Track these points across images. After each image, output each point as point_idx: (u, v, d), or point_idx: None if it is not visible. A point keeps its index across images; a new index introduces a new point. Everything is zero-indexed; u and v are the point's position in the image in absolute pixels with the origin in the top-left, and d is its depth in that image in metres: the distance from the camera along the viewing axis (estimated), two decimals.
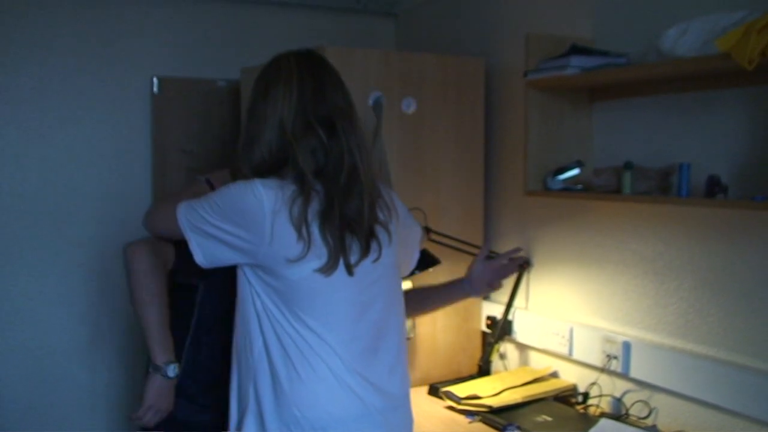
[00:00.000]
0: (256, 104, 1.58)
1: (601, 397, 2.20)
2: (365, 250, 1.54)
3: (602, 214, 2.25)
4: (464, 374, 2.57)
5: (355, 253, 1.53)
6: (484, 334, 2.67)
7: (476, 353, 2.64)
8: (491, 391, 2.25)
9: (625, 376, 2.15)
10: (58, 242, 2.77)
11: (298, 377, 1.51)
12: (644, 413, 2.08)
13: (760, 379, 1.79)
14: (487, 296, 2.69)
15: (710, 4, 1.85)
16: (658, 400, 2.07)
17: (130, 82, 2.84)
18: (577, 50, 2.03)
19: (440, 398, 2.31)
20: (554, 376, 2.42)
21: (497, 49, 2.66)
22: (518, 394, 2.23)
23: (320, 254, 1.50)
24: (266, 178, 1.52)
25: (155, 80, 2.86)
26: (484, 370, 2.53)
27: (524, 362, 2.57)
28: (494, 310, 2.60)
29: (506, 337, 2.55)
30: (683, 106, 2.00)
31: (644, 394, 2.10)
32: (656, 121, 2.08)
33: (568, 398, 2.27)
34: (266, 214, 1.47)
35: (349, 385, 1.53)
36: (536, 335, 2.47)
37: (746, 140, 1.84)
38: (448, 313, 2.58)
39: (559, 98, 2.22)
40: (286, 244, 1.48)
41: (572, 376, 2.36)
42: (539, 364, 2.49)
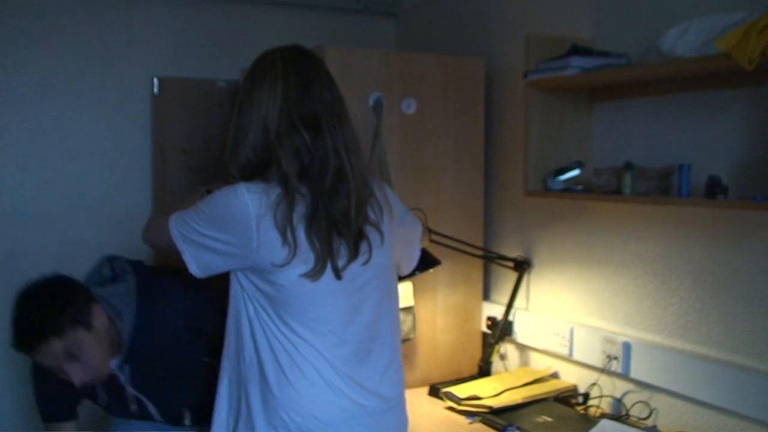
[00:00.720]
0: (242, 104, 1.55)
1: (601, 397, 2.20)
2: (354, 252, 1.52)
3: (602, 214, 2.25)
4: (464, 375, 2.57)
5: (343, 256, 1.51)
6: (484, 334, 2.66)
7: (476, 354, 2.64)
8: (491, 391, 2.25)
9: (625, 376, 2.14)
10: (58, 242, 2.76)
11: (287, 382, 1.49)
12: (644, 414, 2.08)
13: (760, 379, 1.79)
14: (487, 296, 2.70)
15: (710, 4, 1.84)
16: (658, 400, 2.06)
17: (130, 82, 2.84)
18: (577, 50, 2.03)
19: (440, 399, 2.31)
20: (554, 376, 2.42)
21: (497, 49, 2.66)
22: (518, 394, 2.23)
23: (306, 259, 1.47)
24: (251, 180, 1.50)
25: (155, 80, 2.86)
26: (484, 370, 2.53)
27: (524, 363, 2.56)
28: (494, 310, 2.60)
29: (506, 337, 2.54)
30: (683, 106, 1.99)
31: (644, 394, 2.10)
32: (656, 121, 2.07)
33: (568, 399, 2.27)
34: (251, 218, 1.45)
35: (339, 388, 1.52)
36: (536, 336, 2.46)
37: (746, 140, 1.83)
38: (448, 313, 2.58)
39: (559, 98, 2.21)
40: (271, 249, 1.46)
41: (572, 376, 2.36)
42: (539, 364, 2.49)
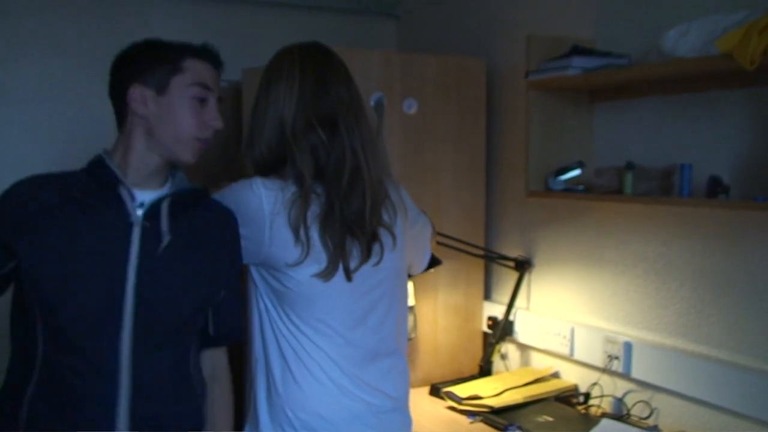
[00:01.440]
0: (258, 100, 1.55)
1: (602, 397, 2.20)
2: (366, 254, 1.50)
3: (603, 214, 2.25)
4: (465, 374, 2.57)
5: (355, 258, 1.49)
6: (485, 334, 2.66)
7: (477, 353, 2.64)
8: (492, 391, 2.25)
9: (626, 376, 2.15)
10: None
11: (292, 379, 1.49)
12: (645, 413, 2.08)
13: (761, 379, 1.79)
14: (488, 296, 2.70)
15: (711, 4, 1.85)
16: (659, 400, 2.07)
17: None
18: (578, 51, 2.03)
19: (441, 398, 2.31)
20: (555, 376, 2.42)
21: (498, 49, 2.66)
22: (519, 394, 2.23)
23: (319, 259, 1.46)
24: (268, 176, 1.50)
25: None
26: (485, 370, 2.53)
27: (525, 362, 2.57)
28: (495, 310, 2.60)
29: (507, 337, 2.54)
30: (684, 106, 2.00)
31: (645, 394, 2.10)
32: (657, 121, 2.08)
33: (569, 398, 2.27)
34: (266, 214, 1.45)
35: (346, 387, 1.52)
36: (537, 335, 2.47)
37: (748, 140, 1.84)
38: (449, 313, 2.59)
39: (560, 99, 2.22)
40: (284, 247, 1.45)
41: (573, 376, 2.36)
42: (540, 364, 2.49)
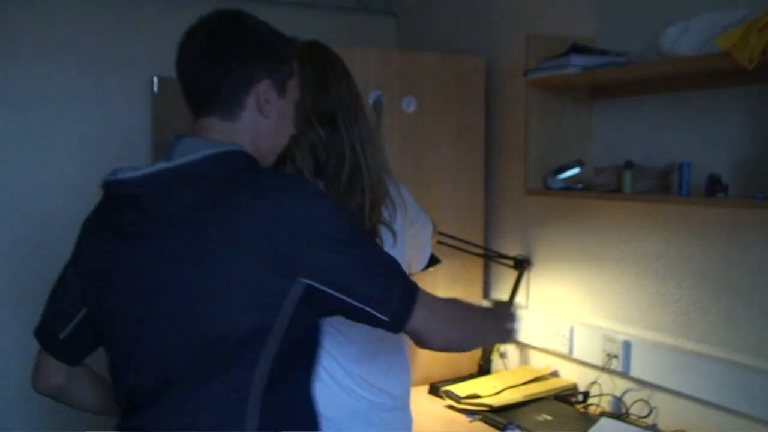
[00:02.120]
0: None
1: (601, 396, 2.20)
2: None
3: (602, 213, 2.25)
4: (464, 373, 2.56)
5: None
6: None
7: (476, 352, 2.64)
8: (491, 390, 2.25)
9: (625, 375, 2.15)
10: (58, 243, 2.75)
11: None
12: (645, 412, 2.08)
13: (761, 377, 1.79)
14: (486, 295, 2.70)
15: (710, 3, 1.84)
16: (658, 399, 2.07)
17: (130, 81, 2.83)
18: (577, 49, 2.03)
19: (440, 397, 2.31)
20: (554, 375, 2.42)
21: (498, 48, 2.66)
22: (518, 393, 2.23)
23: None
24: None
25: (155, 80, 2.85)
26: (484, 369, 2.53)
27: (524, 361, 2.57)
28: None
29: None
30: (684, 105, 1.99)
31: (645, 393, 2.10)
32: (657, 120, 2.07)
33: (568, 397, 2.26)
34: None
35: (347, 385, 1.52)
36: (536, 334, 2.47)
37: (747, 139, 1.83)
38: None
39: (559, 97, 2.21)
40: None
41: (572, 375, 2.36)
42: (539, 363, 2.49)
